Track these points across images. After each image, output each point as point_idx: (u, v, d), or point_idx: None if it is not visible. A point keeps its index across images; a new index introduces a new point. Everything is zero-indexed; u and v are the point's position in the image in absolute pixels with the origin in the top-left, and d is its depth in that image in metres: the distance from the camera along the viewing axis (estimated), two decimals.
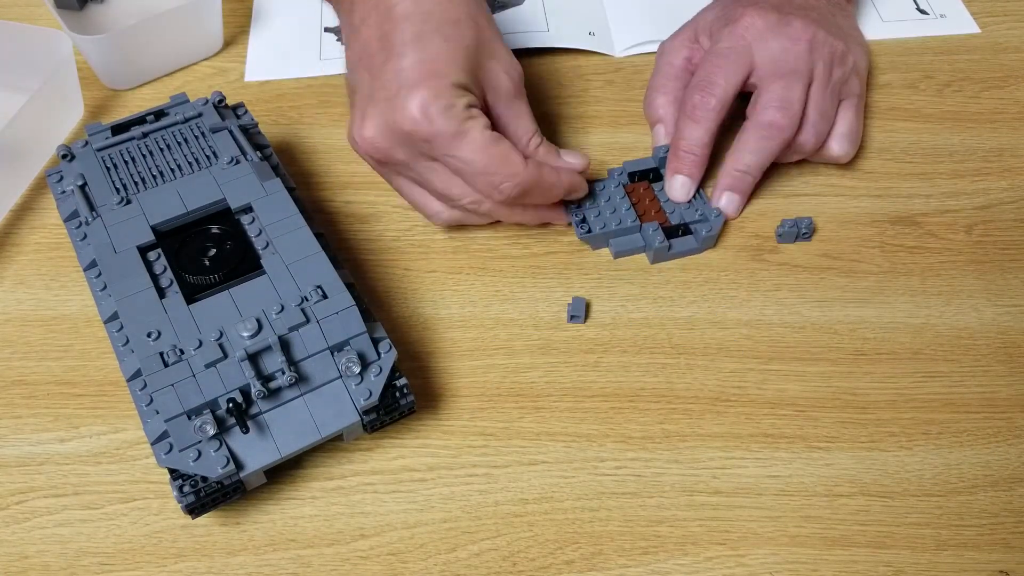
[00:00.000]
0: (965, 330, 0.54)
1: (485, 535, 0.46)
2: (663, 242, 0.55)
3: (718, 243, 0.58)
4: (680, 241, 0.56)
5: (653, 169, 0.59)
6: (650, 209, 0.58)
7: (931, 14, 0.71)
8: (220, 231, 0.50)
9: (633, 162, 0.60)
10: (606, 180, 0.59)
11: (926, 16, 0.71)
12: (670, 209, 0.58)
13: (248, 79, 0.68)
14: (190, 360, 0.44)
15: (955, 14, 0.71)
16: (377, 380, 0.45)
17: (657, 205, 0.58)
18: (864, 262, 0.57)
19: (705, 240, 0.56)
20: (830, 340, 0.53)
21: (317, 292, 0.46)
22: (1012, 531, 0.46)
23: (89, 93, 0.67)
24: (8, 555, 0.46)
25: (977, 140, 0.63)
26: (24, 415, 0.51)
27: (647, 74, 0.67)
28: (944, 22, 0.71)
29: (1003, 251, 0.57)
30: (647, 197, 0.58)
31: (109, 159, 0.53)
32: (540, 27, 0.70)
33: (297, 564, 0.46)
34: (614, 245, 0.56)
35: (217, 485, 0.44)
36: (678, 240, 0.56)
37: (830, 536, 0.46)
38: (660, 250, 0.56)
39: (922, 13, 0.71)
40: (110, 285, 0.47)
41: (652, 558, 0.46)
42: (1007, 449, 0.49)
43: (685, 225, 0.57)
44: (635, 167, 0.59)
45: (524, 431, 0.50)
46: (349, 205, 0.60)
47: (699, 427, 0.50)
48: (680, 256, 0.57)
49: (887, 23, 0.71)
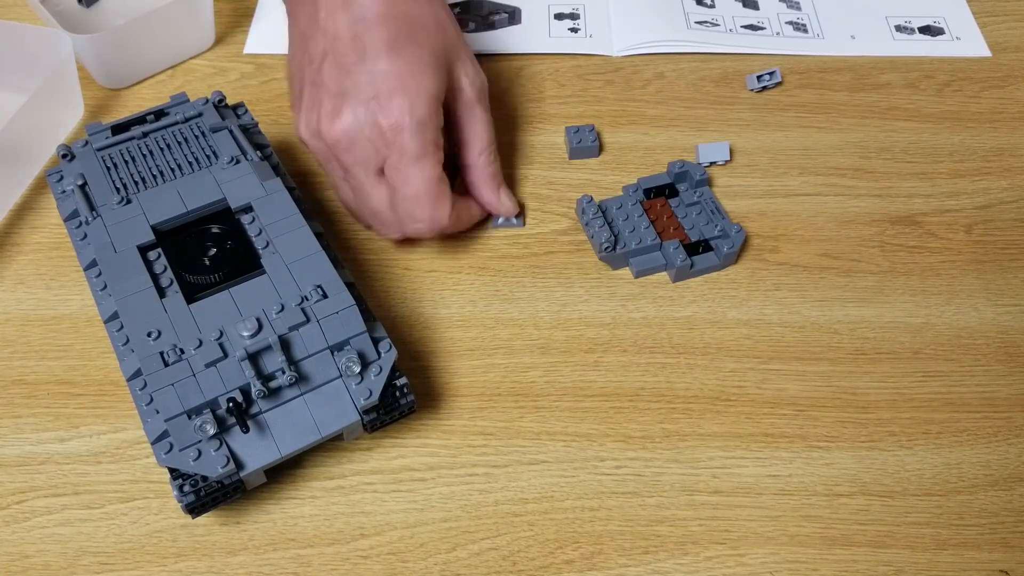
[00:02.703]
0: (965, 330, 0.54)
1: (485, 535, 0.46)
2: (685, 260, 0.54)
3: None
4: (702, 258, 0.55)
5: (669, 185, 0.58)
6: (669, 226, 0.56)
7: (947, 34, 0.71)
8: (220, 231, 0.50)
9: (648, 178, 0.58)
10: (621, 197, 0.58)
11: (941, 36, 0.70)
12: (689, 225, 0.57)
13: (247, 51, 0.70)
14: (190, 360, 0.44)
15: (970, 37, 0.70)
16: (377, 380, 0.45)
17: (676, 222, 0.57)
18: (864, 262, 0.57)
19: (726, 257, 0.55)
20: (830, 340, 0.53)
21: (317, 292, 0.46)
22: (1012, 531, 0.46)
23: (89, 93, 0.67)
24: (8, 555, 0.46)
25: (977, 140, 0.63)
26: (24, 415, 0.51)
27: (647, 74, 0.68)
28: (958, 44, 0.70)
29: (1003, 251, 0.57)
30: (665, 214, 0.57)
31: (109, 159, 0.53)
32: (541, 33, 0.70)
33: (297, 564, 0.46)
34: (635, 264, 0.56)
35: (217, 485, 0.44)
36: (700, 257, 0.55)
37: (830, 536, 0.46)
38: (682, 268, 0.55)
39: (938, 33, 0.71)
40: (110, 285, 0.47)
41: (652, 557, 0.46)
42: (1007, 449, 0.49)
43: (705, 242, 0.56)
44: (650, 183, 0.58)
45: (524, 431, 0.50)
46: None
47: (699, 427, 0.50)
48: (701, 274, 0.56)
49: (898, 41, 0.70)
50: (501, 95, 0.67)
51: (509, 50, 0.69)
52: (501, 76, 0.68)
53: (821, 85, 0.67)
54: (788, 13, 0.72)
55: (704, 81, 0.67)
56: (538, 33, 0.70)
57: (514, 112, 0.65)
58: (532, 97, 0.67)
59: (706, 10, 0.72)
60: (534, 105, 0.66)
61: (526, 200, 0.60)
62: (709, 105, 0.66)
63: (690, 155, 0.62)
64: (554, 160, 0.62)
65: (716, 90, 0.67)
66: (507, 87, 0.67)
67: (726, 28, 0.70)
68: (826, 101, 0.66)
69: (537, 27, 0.71)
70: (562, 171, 0.62)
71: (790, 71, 0.68)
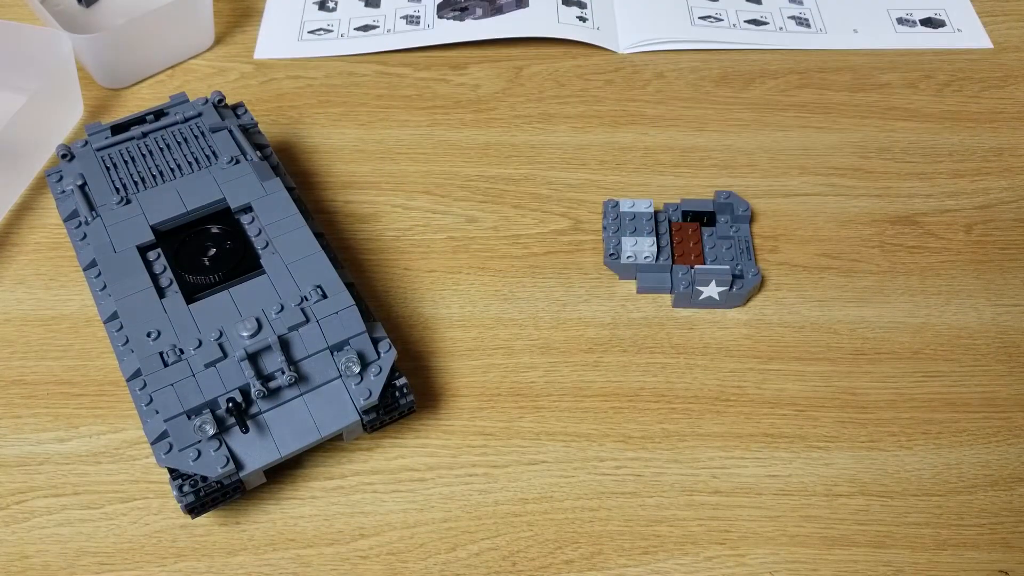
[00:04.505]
0: (965, 330, 0.54)
1: (485, 535, 0.46)
2: (687, 288, 0.53)
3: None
4: (706, 291, 0.53)
5: (710, 213, 0.57)
6: (690, 253, 0.55)
7: (948, 27, 0.71)
8: (220, 231, 0.50)
9: (692, 201, 0.57)
10: (660, 212, 0.57)
11: (942, 28, 0.71)
12: (711, 257, 0.55)
13: (257, 56, 0.70)
14: (190, 360, 0.44)
15: (971, 28, 0.71)
16: (377, 380, 0.45)
17: (699, 250, 0.55)
18: (864, 262, 0.57)
19: (732, 297, 0.54)
20: (830, 340, 0.53)
21: (317, 292, 0.46)
22: (1012, 531, 0.46)
23: (89, 93, 0.67)
24: (8, 555, 0.46)
25: (977, 140, 0.63)
26: (24, 415, 0.51)
27: (647, 74, 0.68)
28: (959, 36, 0.70)
29: (1003, 251, 0.57)
30: (692, 240, 0.55)
31: (109, 159, 0.53)
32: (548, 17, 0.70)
33: (297, 564, 0.46)
34: (641, 280, 0.55)
35: (217, 485, 0.44)
36: (706, 289, 0.53)
37: (830, 536, 0.46)
38: (684, 296, 0.54)
39: (939, 25, 0.71)
40: (110, 285, 0.47)
41: (652, 558, 0.46)
42: (1007, 449, 0.49)
43: None
44: (692, 207, 0.57)
45: (524, 431, 0.50)
46: (349, 205, 0.60)
47: (699, 427, 0.50)
48: (704, 308, 0.54)
49: (900, 34, 0.70)
50: (501, 95, 0.67)
51: (518, 34, 0.69)
52: (501, 76, 0.68)
53: (821, 85, 0.67)
54: (791, 8, 0.72)
55: (704, 81, 0.67)
56: (547, 18, 0.70)
57: (514, 112, 0.65)
58: (532, 97, 0.67)
59: (710, 4, 0.72)
60: (534, 105, 0.66)
61: (526, 200, 0.60)
62: (709, 105, 0.66)
63: (690, 155, 0.62)
64: (554, 160, 0.62)
65: (716, 90, 0.67)
66: (507, 87, 0.67)
67: (729, 23, 0.71)
68: (826, 101, 0.66)
69: (546, 12, 0.70)
70: (562, 171, 0.62)
71: (790, 71, 0.68)
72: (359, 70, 0.69)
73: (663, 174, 0.62)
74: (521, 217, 0.59)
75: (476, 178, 0.62)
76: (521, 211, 0.60)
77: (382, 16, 0.72)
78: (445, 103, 0.66)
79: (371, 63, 0.69)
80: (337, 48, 0.70)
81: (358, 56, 0.70)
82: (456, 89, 0.67)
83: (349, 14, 0.73)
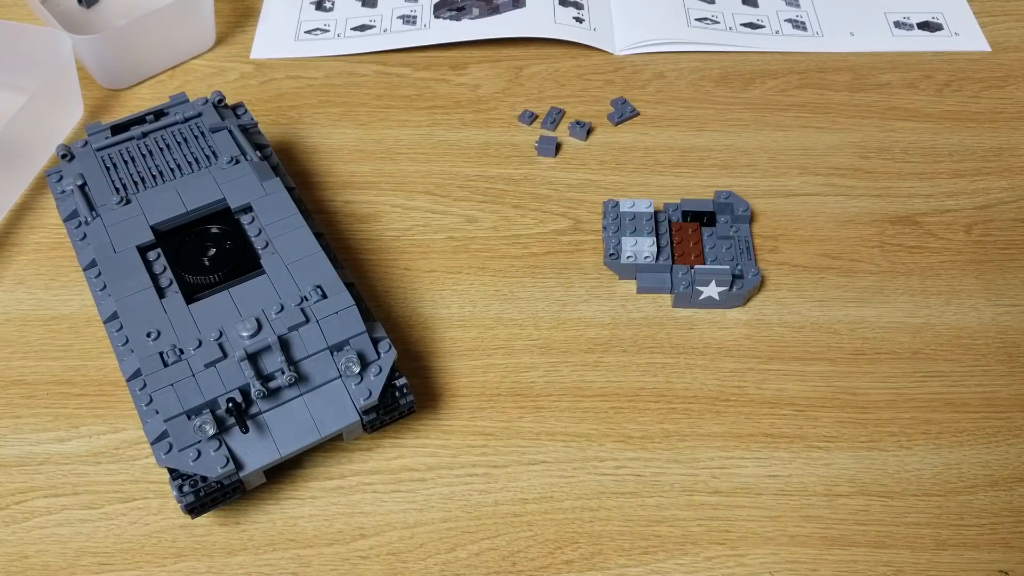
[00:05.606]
0: (965, 330, 0.54)
1: (485, 535, 0.46)
2: (687, 288, 0.53)
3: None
4: (706, 291, 0.53)
5: (710, 213, 0.57)
6: (690, 253, 0.55)
7: (946, 30, 0.71)
8: (220, 231, 0.50)
9: (692, 201, 0.57)
10: (660, 212, 0.57)
11: (940, 32, 0.70)
12: (711, 257, 0.55)
13: (253, 55, 0.70)
14: (190, 360, 0.44)
15: (968, 32, 0.70)
16: (377, 380, 0.45)
17: (699, 250, 0.55)
18: (864, 262, 0.57)
19: (732, 297, 0.54)
20: (829, 340, 0.53)
21: (317, 292, 0.46)
22: (1012, 531, 0.46)
23: (88, 93, 0.67)
24: (8, 555, 0.46)
25: (977, 140, 0.63)
26: (24, 415, 0.51)
27: (647, 74, 0.68)
28: (957, 40, 0.70)
29: (1003, 251, 0.57)
30: (692, 240, 0.56)
31: (109, 159, 0.53)
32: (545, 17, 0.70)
33: (297, 564, 0.46)
34: (641, 280, 0.55)
35: (217, 485, 0.44)
36: (705, 289, 0.53)
37: (830, 536, 0.46)
38: (683, 296, 0.54)
39: (937, 29, 0.71)
40: (110, 285, 0.47)
41: (652, 558, 0.46)
42: (1007, 449, 0.49)
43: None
44: (692, 207, 0.57)
45: (524, 431, 0.50)
46: (349, 205, 0.60)
47: (699, 427, 0.50)
48: (704, 308, 0.54)
49: (897, 37, 0.70)
50: (501, 95, 0.67)
51: (514, 34, 0.69)
52: (501, 76, 0.68)
53: (821, 85, 0.67)
54: (787, 11, 0.72)
55: (704, 81, 0.67)
56: (543, 18, 0.70)
57: (514, 112, 0.65)
58: (532, 97, 0.67)
59: (706, 6, 0.72)
60: (534, 105, 0.66)
61: (526, 200, 0.60)
62: (709, 105, 0.66)
63: (690, 155, 0.62)
64: (554, 160, 0.62)
65: (716, 90, 0.67)
66: (507, 87, 0.67)
67: (726, 26, 0.70)
68: (826, 101, 0.66)
69: (542, 12, 0.70)
70: (562, 171, 0.62)
71: (790, 71, 0.68)
72: (359, 70, 0.69)
73: (663, 174, 0.62)
74: (521, 217, 0.59)
75: (476, 178, 0.62)
76: (521, 211, 0.60)
77: (379, 16, 0.72)
78: (445, 103, 0.66)
79: (371, 63, 0.69)
80: (334, 48, 0.70)
81: (358, 56, 0.70)
82: (456, 89, 0.67)
83: (346, 14, 0.73)
